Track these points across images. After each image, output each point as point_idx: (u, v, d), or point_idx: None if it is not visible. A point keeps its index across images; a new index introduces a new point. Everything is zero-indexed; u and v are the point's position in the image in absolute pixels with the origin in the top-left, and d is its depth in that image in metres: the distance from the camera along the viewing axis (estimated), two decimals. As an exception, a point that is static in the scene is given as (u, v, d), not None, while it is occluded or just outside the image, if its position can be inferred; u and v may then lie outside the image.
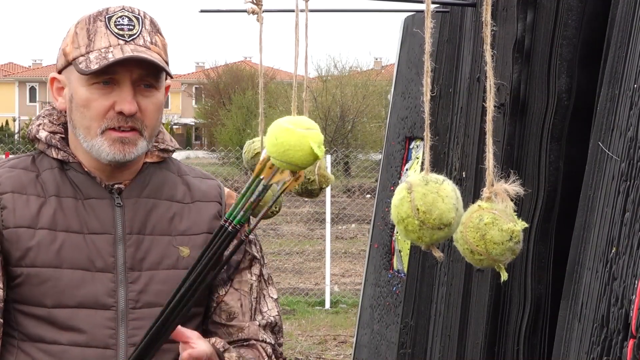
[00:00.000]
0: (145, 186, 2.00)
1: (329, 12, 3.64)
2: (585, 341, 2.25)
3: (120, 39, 1.90)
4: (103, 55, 1.88)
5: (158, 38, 1.95)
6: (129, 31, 1.92)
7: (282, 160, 2.21)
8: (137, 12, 1.95)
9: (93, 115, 1.91)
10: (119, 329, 1.92)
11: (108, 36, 1.91)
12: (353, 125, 28.78)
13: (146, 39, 1.92)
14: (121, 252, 1.94)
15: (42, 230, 1.92)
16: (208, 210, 2.04)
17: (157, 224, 1.98)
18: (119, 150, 1.92)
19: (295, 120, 2.28)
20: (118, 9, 1.93)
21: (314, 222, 16.56)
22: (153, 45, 1.93)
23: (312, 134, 2.21)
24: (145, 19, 1.95)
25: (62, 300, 1.91)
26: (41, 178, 1.97)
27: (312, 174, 3.05)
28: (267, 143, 2.37)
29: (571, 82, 2.73)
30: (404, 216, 1.81)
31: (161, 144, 2.04)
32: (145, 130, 1.94)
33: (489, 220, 1.82)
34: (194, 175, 2.09)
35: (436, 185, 1.81)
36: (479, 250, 1.83)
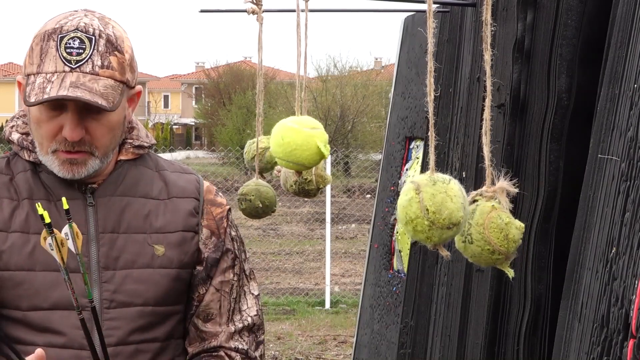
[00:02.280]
0: (119, 184, 1.98)
1: (329, 12, 3.64)
2: (585, 341, 2.25)
3: (66, 65, 1.85)
4: (43, 85, 1.84)
5: (114, 58, 1.88)
6: (77, 56, 1.86)
7: (288, 160, 2.21)
8: (91, 32, 1.88)
9: (43, 134, 1.90)
10: (94, 329, 1.89)
11: (56, 60, 1.86)
12: (353, 125, 28.79)
13: (95, 63, 1.86)
14: (94, 251, 1.93)
15: (14, 234, 1.91)
16: (184, 206, 2.02)
17: (132, 222, 1.96)
18: (68, 170, 1.91)
19: (300, 120, 2.28)
20: (72, 28, 1.88)
21: (314, 222, 16.56)
22: (104, 69, 1.87)
23: (318, 133, 2.21)
24: (100, 38, 1.88)
25: (36, 303, 1.91)
26: (15, 181, 1.96)
27: (309, 174, 3.04)
28: (273, 143, 2.36)
29: (571, 82, 2.73)
30: (413, 217, 1.80)
31: (136, 140, 2.02)
32: (97, 150, 1.91)
33: (507, 220, 1.83)
34: (172, 170, 2.07)
35: (444, 185, 1.81)
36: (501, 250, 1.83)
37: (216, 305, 2.05)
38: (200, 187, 2.07)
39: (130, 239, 1.96)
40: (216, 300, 2.05)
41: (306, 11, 2.76)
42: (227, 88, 39.11)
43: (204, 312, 2.05)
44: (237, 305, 2.08)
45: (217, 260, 2.04)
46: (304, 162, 2.12)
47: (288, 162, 2.24)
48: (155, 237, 1.97)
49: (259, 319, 2.11)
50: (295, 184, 3.02)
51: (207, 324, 2.05)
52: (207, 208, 2.05)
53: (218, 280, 2.05)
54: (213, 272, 2.04)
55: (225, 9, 3.58)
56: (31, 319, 1.91)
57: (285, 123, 2.31)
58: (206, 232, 2.03)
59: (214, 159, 32.34)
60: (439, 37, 3.65)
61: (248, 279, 2.11)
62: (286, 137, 2.13)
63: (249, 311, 2.09)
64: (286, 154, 2.12)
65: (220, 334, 2.05)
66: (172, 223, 2.00)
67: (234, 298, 2.07)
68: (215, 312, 2.05)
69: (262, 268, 12.65)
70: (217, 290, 2.05)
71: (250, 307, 2.09)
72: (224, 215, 2.07)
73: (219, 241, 2.05)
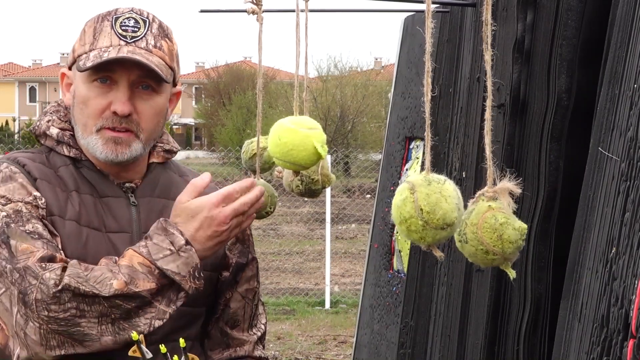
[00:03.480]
0: (156, 186, 2.01)
1: (329, 12, 3.64)
2: (585, 341, 2.25)
3: (122, 40, 1.90)
4: (100, 54, 1.88)
5: (165, 43, 1.94)
6: (132, 32, 1.91)
7: (285, 161, 2.21)
8: (145, 15, 1.94)
9: (90, 112, 1.92)
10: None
11: (111, 36, 1.90)
12: (353, 125, 28.80)
13: (149, 42, 1.91)
14: None
15: (70, 222, 1.92)
16: None
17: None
18: (112, 149, 1.92)
19: (297, 120, 2.28)
20: (127, 10, 1.93)
21: (314, 222, 16.56)
22: (156, 49, 1.91)
23: (315, 134, 2.21)
24: (153, 22, 1.94)
25: None
26: (60, 173, 1.97)
27: (315, 174, 3.04)
28: (270, 143, 2.36)
29: (571, 82, 2.73)
30: (407, 216, 1.81)
31: (166, 144, 2.05)
32: (142, 133, 1.93)
33: (503, 220, 1.83)
34: (193, 177, 2.08)
35: (439, 185, 1.81)
36: (495, 251, 1.83)
37: (241, 312, 2.10)
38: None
39: None
40: (242, 308, 2.10)
41: (306, 11, 2.76)
42: (227, 88, 39.13)
43: (232, 319, 2.10)
44: (256, 311, 2.14)
45: (243, 266, 2.09)
46: (301, 162, 2.12)
47: (285, 162, 2.23)
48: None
49: (266, 327, 2.19)
50: (302, 184, 3.02)
51: (233, 331, 2.10)
52: None
53: (244, 288, 2.10)
54: (239, 276, 2.09)
55: (225, 9, 3.58)
56: None
57: (283, 123, 2.31)
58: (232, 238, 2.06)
59: (213, 159, 32.35)
60: (439, 37, 3.65)
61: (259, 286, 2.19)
62: (283, 137, 2.13)
63: (261, 318, 2.16)
64: (283, 154, 2.12)
65: (247, 344, 2.10)
66: None
67: (255, 304, 2.13)
68: (240, 319, 2.11)
69: (262, 268, 12.65)
70: (242, 297, 2.10)
71: (261, 314, 2.16)
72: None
73: (244, 247, 2.10)
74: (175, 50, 1.97)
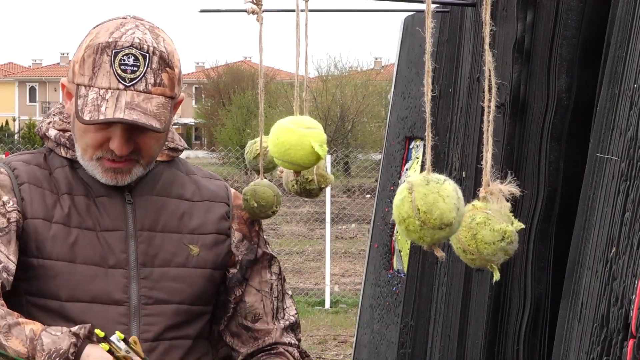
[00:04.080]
0: (156, 184, 2.00)
1: (329, 12, 3.64)
2: (585, 341, 2.25)
3: (120, 82, 1.85)
4: (98, 103, 1.85)
5: (166, 74, 1.89)
6: (131, 74, 1.86)
7: (284, 160, 2.21)
8: (145, 49, 1.88)
9: (89, 142, 1.91)
10: (131, 324, 1.94)
11: (110, 76, 1.86)
12: (353, 125, 28.79)
13: (149, 82, 1.87)
14: (133, 248, 1.95)
15: (57, 225, 1.93)
16: (216, 210, 2.06)
17: (168, 222, 1.99)
18: (112, 177, 1.92)
19: (296, 120, 2.28)
20: (127, 44, 1.87)
21: (314, 222, 16.56)
22: (156, 87, 1.87)
23: (314, 133, 2.21)
24: (154, 55, 1.88)
25: (75, 295, 1.93)
26: (54, 176, 1.97)
27: (310, 174, 3.04)
28: (269, 143, 2.37)
29: (571, 82, 2.73)
30: (405, 216, 1.81)
31: (171, 143, 2.05)
32: (143, 159, 1.93)
33: (480, 220, 1.83)
34: (201, 175, 2.10)
35: (437, 185, 1.81)
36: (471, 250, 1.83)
37: (260, 305, 2.10)
38: (229, 193, 2.11)
39: (167, 237, 1.98)
40: (259, 301, 2.10)
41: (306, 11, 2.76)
42: (226, 88, 39.12)
43: (251, 313, 2.10)
44: (280, 304, 2.14)
45: (251, 262, 2.10)
46: (299, 161, 2.13)
47: (284, 161, 2.24)
48: (189, 238, 2.01)
49: (298, 317, 2.18)
50: (296, 184, 3.02)
51: (256, 324, 2.10)
52: (237, 213, 2.10)
53: (256, 281, 2.10)
54: (248, 273, 2.09)
55: (225, 9, 3.58)
56: (69, 310, 1.93)
57: (282, 123, 2.31)
58: (238, 235, 2.08)
59: (213, 159, 32.33)
60: (439, 37, 3.65)
61: (284, 280, 2.18)
62: (281, 137, 2.14)
63: (290, 310, 2.15)
64: (281, 154, 2.12)
65: (273, 331, 2.10)
66: (206, 225, 2.03)
67: (275, 297, 2.12)
68: (261, 312, 2.10)
69: (262, 268, 12.56)
70: (257, 290, 2.10)
71: (290, 307, 2.16)
72: (254, 220, 2.13)
73: (252, 244, 2.10)
74: (176, 74, 1.92)
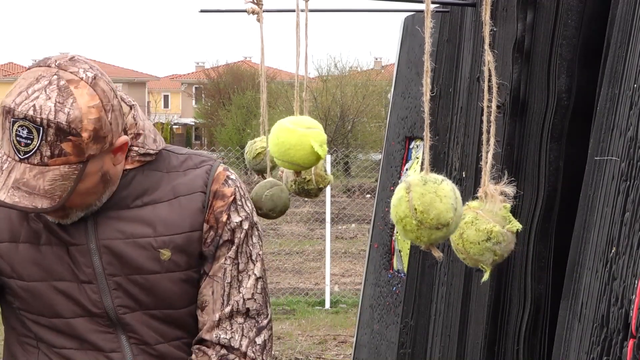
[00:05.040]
0: (122, 195, 1.93)
1: (329, 12, 3.64)
2: (585, 341, 2.25)
3: (16, 154, 1.78)
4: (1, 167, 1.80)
5: (67, 144, 1.77)
6: (25, 147, 1.77)
7: (284, 160, 2.21)
8: (39, 122, 1.76)
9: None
10: (118, 332, 1.92)
11: (10, 144, 1.79)
12: (353, 125, 28.79)
13: (44, 155, 1.77)
14: (97, 261, 1.91)
15: (24, 245, 1.91)
16: (190, 205, 1.94)
17: (136, 229, 1.92)
18: (55, 218, 1.89)
19: (297, 120, 2.29)
20: (21, 115, 1.76)
21: (314, 222, 16.56)
22: (54, 158, 1.77)
23: (314, 133, 2.21)
24: (49, 128, 1.76)
25: (58, 312, 1.92)
26: None
27: (308, 174, 3.04)
28: (270, 143, 2.37)
29: (571, 82, 2.73)
30: (402, 216, 1.81)
31: (141, 148, 1.95)
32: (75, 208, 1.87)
33: (468, 220, 1.83)
34: (183, 169, 1.99)
35: (434, 185, 1.81)
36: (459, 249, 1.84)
37: (209, 292, 1.97)
38: (209, 179, 1.98)
39: (134, 245, 1.91)
40: (208, 287, 1.97)
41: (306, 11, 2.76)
42: (227, 88, 39.11)
43: (200, 301, 1.98)
44: (233, 290, 1.97)
45: (212, 254, 1.96)
46: (299, 161, 2.12)
47: (284, 161, 2.24)
48: (160, 241, 1.92)
49: (256, 303, 1.99)
50: (295, 184, 3.02)
51: (202, 313, 1.98)
52: (212, 201, 1.97)
53: (214, 269, 1.97)
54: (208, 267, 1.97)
55: (225, 9, 3.58)
56: (57, 325, 1.93)
57: (282, 123, 2.32)
58: (206, 226, 1.96)
59: (213, 159, 32.26)
60: (439, 37, 3.65)
61: (251, 262, 2.00)
62: (281, 137, 2.14)
63: (246, 293, 1.98)
64: (281, 154, 2.12)
65: (206, 324, 1.97)
66: (178, 224, 1.93)
67: (228, 283, 1.97)
68: (208, 299, 1.97)
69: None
70: (210, 277, 1.97)
71: (248, 289, 1.98)
72: (224, 209, 1.97)
73: (216, 235, 1.96)
74: (86, 139, 1.79)
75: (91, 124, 1.79)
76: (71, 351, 1.93)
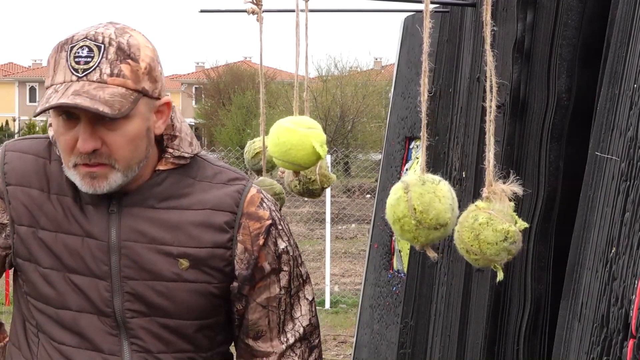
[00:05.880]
0: (150, 194, 1.91)
1: (329, 12, 3.64)
2: (585, 341, 2.25)
3: (73, 74, 1.80)
4: (50, 95, 1.80)
5: (126, 66, 1.81)
6: (84, 65, 1.80)
7: (284, 160, 2.21)
8: (100, 40, 1.81)
9: (62, 149, 1.86)
10: (121, 336, 1.91)
11: (65, 70, 1.81)
12: (353, 125, 28.80)
13: (104, 72, 1.79)
14: (115, 260, 1.89)
15: (43, 231, 1.90)
16: (217, 220, 1.93)
17: (158, 233, 1.90)
18: (89, 184, 1.85)
19: (297, 120, 2.29)
20: (81, 37, 1.82)
21: (314, 222, 16.56)
22: (113, 78, 1.79)
23: (314, 133, 2.22)
24: (109, 46, 1.81)
25: (65, 303, 1.91)
26: (50, 168, 1.93)
27: (313, 174, 3.04)
28: (269, 143, 2.37)
29: (571, 82, 2.73)
30: (400, 216, 1.81)
31: (176, 150, 1.94)
32: (117, 163, 1.84)
33: (483, 221, 1.82)
34: (216, 181, 1.97)
35: (433, 185, 1.81)
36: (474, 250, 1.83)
37: (264, 322, 2.00)
38: (242, 199, 1.96)
39: (155, 250, 1.90)
40: (264, 317, 2.00)
41: (306, 11, 2.76)
42: (226, 88, 39.10)
43: (253, 330, 2.01)
44: (287, 316, 2.02)
45: (248, 278, 1.97)
46: (299, 162, 2.12)
47: (284, 161, 2.24)
48: (181, 251, 1.91)
49: (311, 326, 2.05)
50: (299, 184, 3.02)
51: (258, 342, 2.01)
52: (244, 222, 1.95)
53: (264, 297, 1.99)
54: (246, 290, 1.98)
55: (225, 9, 3.58)
56: (62, 317, 1.92)
57: (282, 123, 2.31)
58: (240, 247, 1.95)
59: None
60: (439, 37, 3.65)
61: (303, 284, 2.05)
62: (281, 137, 2.13)
63: (302, 319, 2.03)
64: (282, 154, 2.12)
65: (272, 355, 2.01)
66: (201, 237, 1.92)
67: (283, 310, 2.01)
68: (264, 329, 2.01)
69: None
70: (263, 307, 2.00)
71: (304, 315, 2.04)
72: (261, 232, 1.96)
73: (252, 258, 1.96)
74: (143, 68, 1.83)
75: (147, 57, 1.84)
76: (69, 349, 1.91)
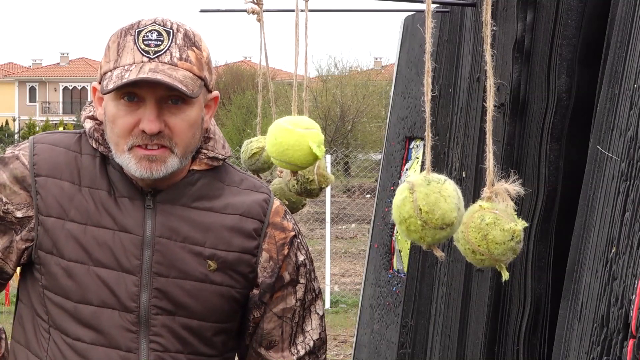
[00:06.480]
0: (185, 193, 1.93)
1: (329, 12, 3.64)
2: (585, 341, 2.25)
3: (144, 56, 1.83)
4: (122, 74, 1.82)
5: (192, 52, 1.86)
6: (155, 47, 1.83)
7: (282, 160, 2.21)
8: (169, 26, 1.86)
9: (119, 131, 1.85)
10: (140, 333, 1.90)
11: (134, 52, 1.84)
12: (353, 125, 28.81)
13: (174, 55, 1.84)
14: (148, 255, 1.90)
15: (71, 223, 1.89)
16: (246, 227, 1.96)
17: (190, 233, 1.92)
18: (146, 168, 1.85)
19: (294, 120, 2.29)
20: (149, 22, 1.86)
21: (314, 222, 16.56)
22: (182, 62, 1.84)
23: (312, 134, 2.22)
24: (177, 32, 1.86)
25: (86, 297, 1.90)
26: (81, 161, 1.92)
27: (311, 174, 3.04)
28: (267, 143, 2.37)
29: (571, 82, 2.73)
30: (406, 216, 1.81)
31: (211, 151, 1.96)
32: (176, 147, 1.86)
33: (490, 221, 1.82)
34: (243, 187, 2.00)
35: (438, 185, 1.81)
36: (481, 250, 1.83)
37: (278, 332, 2.03)
38: (268, 209, 2.00)
39: (186, 249, 1.91)
40: (278, 327, 2.02)
41: (306, 11, 2.76)
42: (226, 88, 39.10)
43: (267, 340, 2.03)
44: (299, 328, 2.05)
45: (271, 286, 2.00)
46: (297, 162, 2.12)
47: (281, 162, 2.24)
48: (210, 252, 1.92)
49: (320, 341, 2.07)
50: (297, 184, 3.02)
51: (270, 352, 2.03)
52: (270, 231, 1.99)
53: (280, 307, 2.02)
54: (266, 298, 2.00)
55: (225, 9, 3.58)
56: (81, 312, 1.90)
57: (280, 123, 2.31)
58: (265, 255, 1.98)
59: (213, 159, 32.28)
60: (439, 37, 3.65)
61: (315, 298, 2.07)
62: (279, 137, 2.14)
63: (313, 333, 2.06)
64: (279, 154, 2.12)
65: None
66: (231, 241, 1.94)
67: (296, 322, 2.04)
68: (277, 339, 2.03)
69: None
70: (279, 317, 2.02)
71: (314, 329, 2.06)
72: (286, 242, 2.00)
73: (276, 267, 1.99)
74: (205, 57, 1.89)
75: (207, 48, 1.91)
76: (84, 345, 1.90)
